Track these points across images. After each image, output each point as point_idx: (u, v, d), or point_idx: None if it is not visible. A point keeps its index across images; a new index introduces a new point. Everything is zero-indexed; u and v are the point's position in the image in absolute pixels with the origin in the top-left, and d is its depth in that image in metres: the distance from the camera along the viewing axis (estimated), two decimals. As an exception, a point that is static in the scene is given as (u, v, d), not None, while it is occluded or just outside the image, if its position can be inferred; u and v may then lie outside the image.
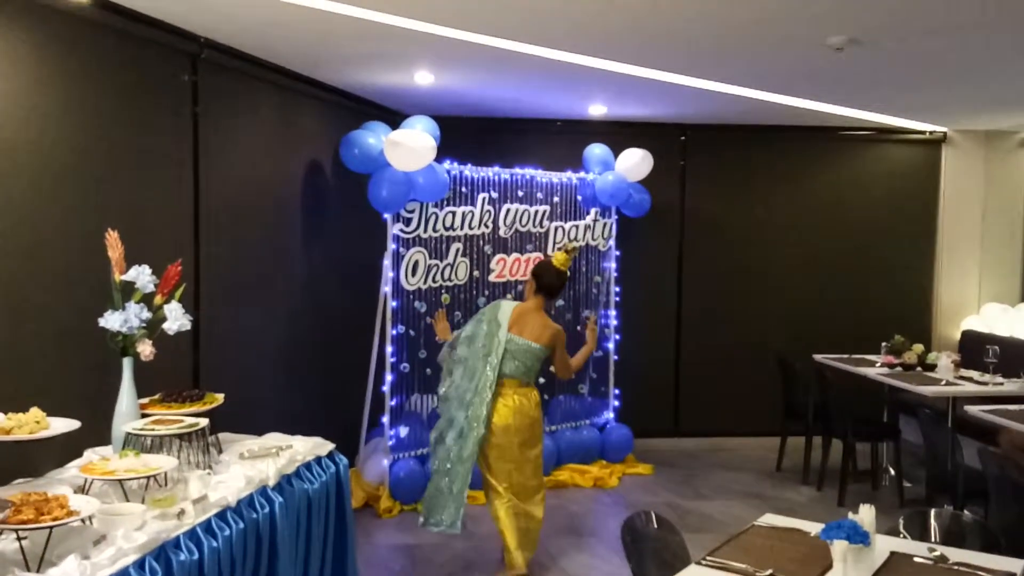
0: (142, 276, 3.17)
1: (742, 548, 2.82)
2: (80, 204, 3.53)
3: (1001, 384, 5.69)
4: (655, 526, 3.08)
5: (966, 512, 3.45)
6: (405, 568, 4.81)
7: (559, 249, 4.91)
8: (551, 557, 4.96)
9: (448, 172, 5.89)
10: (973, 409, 5.04)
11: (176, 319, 3.21)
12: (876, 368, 6.31)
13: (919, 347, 6.42)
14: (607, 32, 4.34)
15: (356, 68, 5.28)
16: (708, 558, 2.73)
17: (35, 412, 2.80)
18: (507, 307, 4.74)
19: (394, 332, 5.77)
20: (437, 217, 5.94)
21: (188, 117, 4.32)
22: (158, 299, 3.23)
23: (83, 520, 2.40)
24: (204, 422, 3.19)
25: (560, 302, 6.69)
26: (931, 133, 7.68)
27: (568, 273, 4.80)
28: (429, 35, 4.32)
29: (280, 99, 5.27)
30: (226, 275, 4.61)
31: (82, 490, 2.75)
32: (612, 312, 7.00)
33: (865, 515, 2.70)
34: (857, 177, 7.77)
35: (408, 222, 5.81)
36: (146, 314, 3.13)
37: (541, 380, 4.89)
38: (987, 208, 7.70)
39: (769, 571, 2.60)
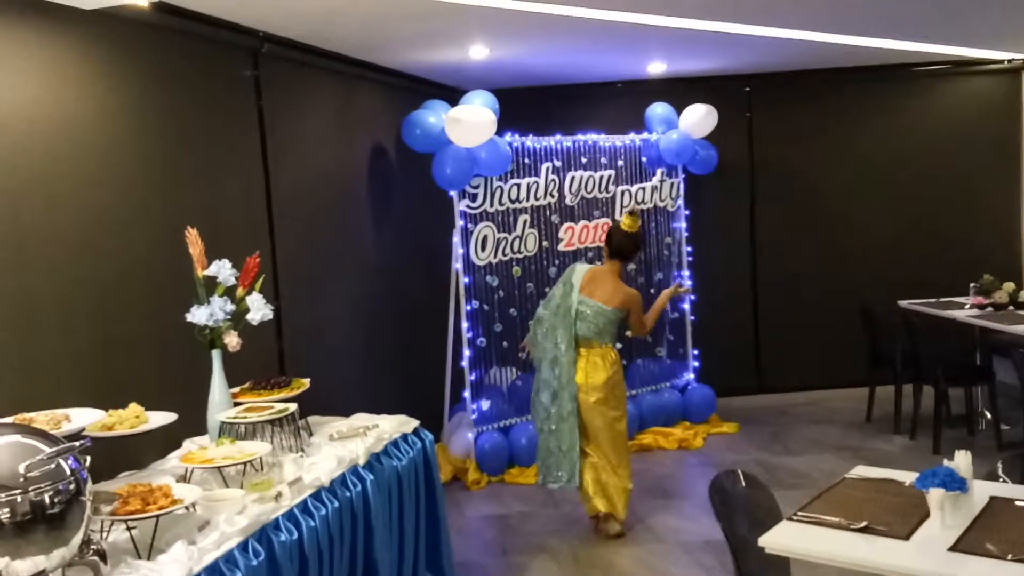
0: (223, 270, 3.27)
1: (835, 502, 2.78)
2: (159, 205, 3.65)
3: (1101, 318, 5.45)
4: (743, 484, 3.06)
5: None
6: (496, 537, 4.89)
7: (625, 212, 4.96)
8: (639, 519, 4.98)
9: (510, 144, 5.89)
10: (1072, 346, 4.84)
11: (258, 309, 3.31)
12: (965, 310, 6.10)
13: (1010, 285, 6.17)
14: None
15: (411, 48, 5.29)
16: (800, 513, 2.70)
17: (134, 408, 2.93)
18: (581, 269, 4.90)
19: (468, 308, 5.83)
20: (502, 190, 5.95)
21: (253, 111, 4.41)
22: (240, 291, 3.33)
23: (187, 507, 2.51)
24: (293, 407, 3.29)
25: (631, 266, 6.64)
26: (1010, 62, 7.30)
27: (639, 235, 4.88)
28: (481, 8, 4.30)
29: (341, 85, 5.33)
30: (302, 263, 4.72)
31: (183, 479, 2.87)
32: (685, 272, 6.92)
33: (961, 461, 2.64)
34: (933, 114, 7.46)
35: (474, 198, 5.84)
36: (230, 307, 3.23)
37: (618, 345, 4.91)
38: (1076, 135, 7.32)
39: (864, 523, 2.56)
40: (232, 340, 3.23)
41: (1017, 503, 2.66)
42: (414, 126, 5.57)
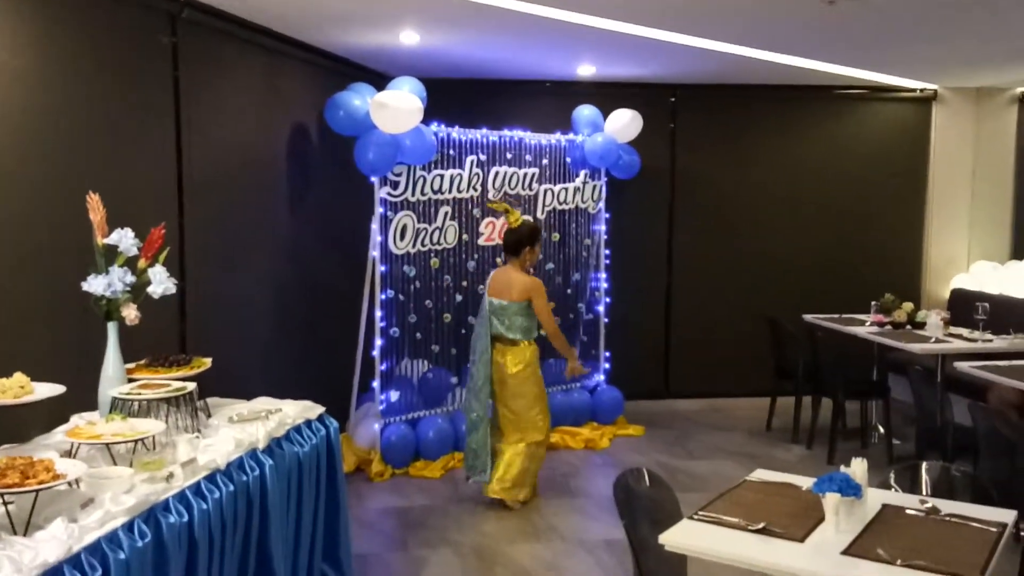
0: (125, 239, 3.12)
1: (735, 503, 2.82)
2: (60, 168, 3.46)
3: (990, 341, 5.71)
4: (647, 483, 3.08)
5: (956, 465, 3.46)
6: (397, 530, 4.82)
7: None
8: (543, 518, 4.98)
9: (435, 134, 5.82)
10: (962, 365, 5.05)
11: (161, 282, 3.16)
12: (866, 327, 6.31)
13: (909, 305, 6.43)
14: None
15: (341, 28, 5.18)
16: (700, 513, 2.73)
17: (19, 377, 2.76)
18: (490, 276, 5.17)
19: (383, 296, 5.73)
20: (425, 180, 5.87)
21: (169, 79, 4.23)
22: (142, 263, 3.18)
23: (69, 484, 2.37)
24: (192, 386, 3.16)
25: (550, 265, 6.66)
26: (922, 91, 7.63)
27: (520, 227, 5.12)
28: (414, -9, 4.24)
29: (263, 61, 5.17)
30: (211, 240, 4.56)
31: (69, 454, 2.71)
32: (602, 275, 6.97)
33: (857, 468, 2.71)
34: (848, 136, 7.72)
35: (396, 185, 5.75)
36: (130, 278, 3.08)
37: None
38: (977, 166, 7.68)
39: (762, 525, 2.60)
40: (130, 313, 3.08)
41: (908, 511, 2.75)
42: (338, 108, 5.44)
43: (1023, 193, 7.59)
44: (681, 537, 2.60)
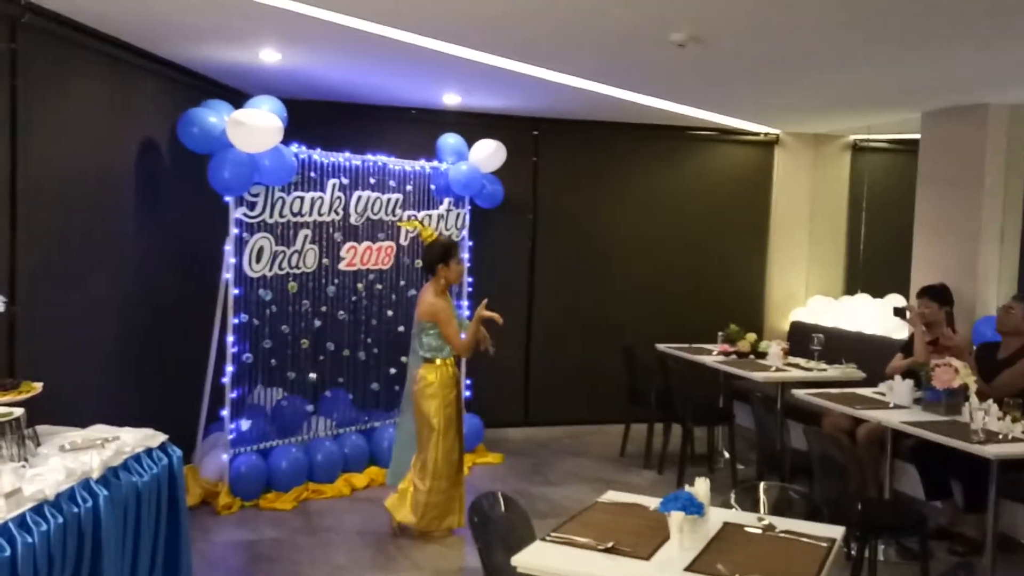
0: (-54, 252, 2.89)
1: (586, 523, 2.87)
2: None
3: (824, 370, 6.08)
4: (502, 508, 3.09)
5: (793, 486, 3.66)
6: (245, 565, 4.62)
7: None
8: (399, 548, 4.90)
9: (296, 156, 5.71)
10: (799, 393, 5.36)
11: (-14, 300, 2.95)
12: (713, 356, 6.60)
13: (752, 336, 6.77)
14: (454, 14, 4.31)
15: (197, 42, 5.03)
16: (553, 534, 2.76)
17: None
18: None
19: (236, 321, 5.54)
20: (284, 202, 5.74)
21: (6, 88, 3.97)
22: (-35, 278, 2.95)
23: None
24: (19, 412, 2.96)
25: (412, 292, 6.63)
26: (765, 135, 8.12)
27: (432, 244, 5.17)
28: (274, 8, 4.17)
29: (112, 71, 4.94)
30: (48, 257, 4.28)
31: None
32: (464, 303, 6.99)
33: (700, 487, 2.81)
34: (699, 175, 8.11)
35: (252, 206, 5.59)
36: (-49, 294, 2.86)
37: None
38: (814, 207, 8.23)
39: (610, 544, 2.66)
40: (-50, 331, 2.84)
41: (747, 528, 2.88)
42: (192, 124, 5.26)
43: (855, 233, 8.18)
44: (533, 559, 2.62)
